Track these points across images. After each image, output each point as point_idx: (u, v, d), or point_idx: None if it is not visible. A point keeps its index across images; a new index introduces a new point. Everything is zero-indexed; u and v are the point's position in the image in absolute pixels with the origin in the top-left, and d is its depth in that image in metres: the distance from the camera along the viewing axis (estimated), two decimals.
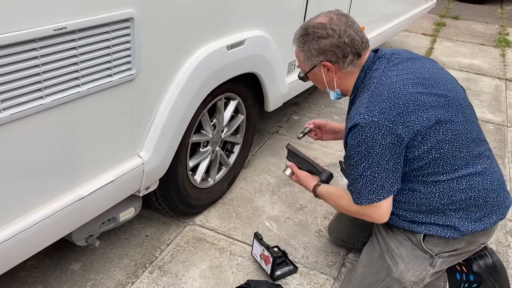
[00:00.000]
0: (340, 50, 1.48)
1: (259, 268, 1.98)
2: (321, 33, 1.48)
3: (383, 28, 3.60)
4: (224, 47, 1.84)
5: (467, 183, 1.50)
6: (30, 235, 1.33)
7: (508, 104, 3.92)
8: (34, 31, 1.13)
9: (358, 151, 1.42)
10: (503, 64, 4.90)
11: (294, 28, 2.38)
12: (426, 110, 1.43)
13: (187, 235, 2.13)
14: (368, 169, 1.43)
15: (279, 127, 3.17)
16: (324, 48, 1.49)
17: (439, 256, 1.59)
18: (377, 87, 1.45)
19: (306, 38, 1.51)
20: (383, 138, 1.38)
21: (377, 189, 1.45)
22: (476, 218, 1.53)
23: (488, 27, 6.33)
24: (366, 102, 1.43)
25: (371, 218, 1.55)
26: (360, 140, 1.40)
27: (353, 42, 1.48)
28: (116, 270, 1.91)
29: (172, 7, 1.53)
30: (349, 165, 1.49)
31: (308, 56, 1.54)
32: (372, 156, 1.40)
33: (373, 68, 1.52)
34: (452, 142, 1.46)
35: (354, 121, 1.42)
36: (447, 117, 1.46)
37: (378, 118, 1.38)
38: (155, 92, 1.61)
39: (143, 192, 1.77)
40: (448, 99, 1.49)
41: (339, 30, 1.47)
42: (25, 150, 1.25)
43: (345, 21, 1.49)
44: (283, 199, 2.43)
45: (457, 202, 1.51)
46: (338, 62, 1.51)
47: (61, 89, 1.26)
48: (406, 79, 1.47)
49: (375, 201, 1.47)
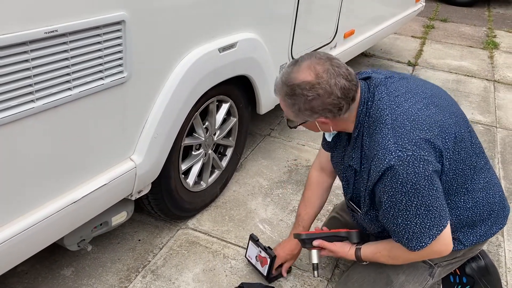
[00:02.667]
0: (335, 106, 1.34)
1: (253, 271, 1.97)
2: (312, 95, 1.31)
3: (373, 30, 3.62)
4: (216, 50, 1.84)
5: (472, 201, 1.48)
6: (21, 240, 1.31)
7: (497, 105, 3.97)
8: (24, 34, 1.12)
9: (404, 192, 1.30)
10: (491, 66, 4.96)
11: (286, 31, 2.42)
12: (446, 131, 1.38)
13: (180, 238, 2.12)
14: (422, 206, 1.31)
15: (271, 130, 3.17)
16: (318, 108, 1.34)
17: (438, 265, 1.58)
18: (394, 119, 1.34)
19: (295, 99, 1.34)
20: (424, 170, 1.29)
21: (435, 221, 1.35)
22: (481, 232, 1.53)
23: (476, 29, 6.41)
24: (392, 137, 1.31)
25: (440, 252, 1.43)
26: (403, 179, 1.28)
27: (346, 92, 1.33)
28: (109, 275, 1.90)
29: (163, 10, 1.53)
30: (395, 212, 1.35)
31: (300, 114, 1.38)
32: (421, 190, 1.29)
33: (376, 99, 1.40)
34: (464, 161, 1.43)
35: (387, 163, 1.29)
36: (460, 135, 1.42)
37: (413, 151, 1.29)
38: (147, 95, 1.61)
39: (135, 196, 1.76)
40: (455, 116, 1.45)
41: (329, 86, 1.31)
42: (15, 154, 1.24)
43: (331, 70, 1.31)
44: (275, 201, 2.43)
45: (463, 220, 1.50)
46: (334, 116, 1.37)
47: (52, 92, 1.25)
48: (416, 102, 1.39)
49: (438, 234, 1.36)
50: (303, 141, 3.06)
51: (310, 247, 1.71)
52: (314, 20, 2.64)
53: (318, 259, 1.72)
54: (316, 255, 1.71)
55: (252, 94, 2.30)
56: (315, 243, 1.68)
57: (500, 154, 3.16)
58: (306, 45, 2.64)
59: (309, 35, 2.65)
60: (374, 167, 1.34)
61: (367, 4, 3.43)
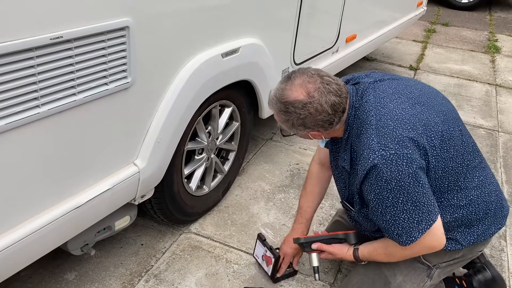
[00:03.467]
0: (326, 122, 1.41)
1: (255, 275, 1.97)
2: (304, 114, 1.38)
3: (374, 35, 3.63)
4: (219, 55, 1.85)
5: (466, 199, 1.49)
6: (25, 245, 1.32)
7: (499, 110, 3.97)
8: (30, 40, 1.13)
9: (389, 189, 1.34)
10: (493, 70, 4.97)
11: (288, 36, 2.43)
12: (432, 128, 1.41)
13: (182, 243, 2.13)
14: (408, 202, 1.35)
15: (273, 134, 3.18)
16: (310, 124, 1.42)
17: (436, 267, 1.59)
18: (378, 119, 1.39)
19: (288, 115, 1.42)
20: (408, 167, 1.32)
21: (423, 216, 1.37)
22: (479, 231, 1.53)
23: (478, 33, 6.42)
24: (375, 137, 1.36)
25: (432, 247, 1.45)
26: (387, 177, 1.32)
27: (336, 108, 1.39)
28: (112, 279, 1.90)
29: (167, 16, 1.54)
30: (383, 209, 1.39)
31: (291, 128, 1.46)
32: (406, 187, 1.33)
33: (363, 102, 1.45)
34: (454, 158, 1.45)
35: (371, 161, 1.34)
36: (448, 133, 1.44)
37: (396, 149, 1.32)
38: (151, 100, 1.62)
39: (138, 200, 1.77)
40: (444, 114, 1.48)
41: (320, 104, 1.37)
42: (21, 159, 1.24)
43: (322, 88, 1.37)
44: (278, 205, 2.43)
45: (459, 218, 1.50)
46: (326, 129, 1.45)
47: (57, 97, 1.26)
48: (401, 102, 1.43)
49: (427, 229, 1.39)
50: (305, 145, 3.06)
51: (309, 251, 1.74)
52: (316, 25, 2.65)
53: (318, 262, 1.74)
54: (316, 258, 1.74)
55: (254, 98, 2.31)
56: (314, 246, 1.71)
57: (502, 158, 3.16)
58: (308, 49, 2.65)
59: (311, 40, 2.66)
60: (360, 166, 1.39)
61: (369, 8, 3.45)
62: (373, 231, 1.63)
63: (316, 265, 1.74)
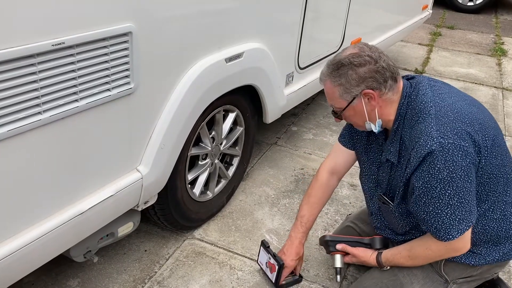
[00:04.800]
0: (380, 75, 1.41)
1: (260, 282, 1.95)
2: (358, 61, 1.41)
3: (380, 38, 3.61)
4: (222, 60, 1.84)
5: (501, 213, 1.47)
6: (28, 252, 1.31)
7: (506, 113, 3.93)
8: (32, 47, 1.12)
9: (440, 179, 1.32)
10: (499, 73, 4.93)
11: (292, 40, 2.41)
12: (486, 130, 1.41)
13: (186, 249, 2.11)
14: (455, 196, 1.33)
15: (278, 138, 3.16)
16: (364, 75, 1.41)
17: (453, 282, 1.56)
18: (438, 110, 1.39)
19: (342, 69, 1.43)
20: (463, 160, 1.31)
21: (465, 216, 1.35)
22: (505, 250, 1.51)
23: (484, 36, 6.38)
24: (435, 125, 1.35)
25: (458, 250, 1.44)
26: (441, 166, 1.31)
27: (389, 67, 1.43)
28: (115, 286, 1.88)
29: (170, 21, 1.53)
30: (428, 199, 1.37)
31: (347, 88, 1.44)
32: (457, 181, 1.31)
33: (420, 93, 1.45)
34: (499, 167, 1.43)
35: (428, 148, 1.32)
36: (498, 140, 1.44)
37: (454, 140, 1.32)
38: (154, 105, 1.61)
39: (141, 207, 1.76)
40: (493, 122, 1.48)
41: (374, 56, 1.42)
42: (23, 166, 1.23)
43: (375, 48, 1.46)
44: (282, 211, 2.41)
45: (489, 232, 1.48)
46: (380, 88, 1.43)
47: (59, 104, 1.25)
48: (459, 100, 1.44)
49: (466, 230, 1.37)
50: (309, 150, 3.04)
51: (333, 251, 1.73)
52: (320, 29, 2.64)
53: (341, 263, 1.73)
54: (339, 260, 1.73)
55: (258, 103, 2.30)
56: (339, 246, 1.71)
57: None
58: (313, 54, 2.63)
59: (315, 43, 2.65)
60: (415, 153, 1.36)
61: (374, 12, 3.43)
62: (399, 234, 1.62)
63: (339, 266, 1.72)
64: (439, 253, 1.48)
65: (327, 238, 1.74)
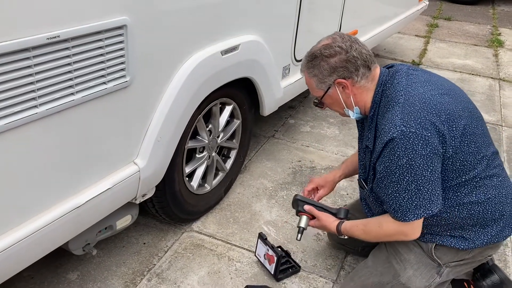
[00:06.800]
0: (351, 64, 1.47)
1: (258, 273, 1.97)
2: (328, 52, 1.47)
3: (376, 30, 3.61)
4: (218, 53, 1.84)
5: (485, 196, 1.50)
6: (27, 245, 1.32)
7: (502, 104, 3.94)
8: (27, 40, 1.12)
9: (399, 165, 1.37)
10: (496, 64, 4.93)
11: (288, 32, 2.41)
12: (455, 120, 1.43)
13: (184, 241, 2.12)
14: (413, 183, 1.38)
15: (275, 131, 3.17)
16: (335, 65, 1.47)
17: (446, 265, 1.58)
18: (407, 99, 1.42)
19: (315, 61, 1.51)
20: (423, 149, 1.35)
21: (423, 203, 1.40)
22: (493, 232, 1.53)
23: (481, 27, 6.37)
24: (400, 113, 1.39)
25: (407, 235, 1.49)
26: (400, 153, 1.36)
27: (361, 55, 1.48)
28: (114, 279, 1.90)
29: (165, 14, 1.53)
30: (388, 182, 1.43)
31: (320, 79, 1.51)
32: (415, 168, 1.36)
33: (394, 82, 1.48)
34: (475, 154, 1.46)
35: (390, 135, 1.37)
36: (471, 128, 1.46)
37: (416, 129, 1.35)
38: (150, 98, 1.61)
39: (139, 199, 1.77)
40: (469, 111, 1.50)
41: (345, 46, 1.47)
42: (20, 160, 1.24)
43: (348, 38, 1.50)
44: (280, 203, 2.42)
45: (475, 215, 1.50)
46: (352, 76, 1.48)
47: (56, 97, 1.25)
48: (432, 89, 1.46)
49: (422, 216, 1.41)
50: (307, 142, 3.05)
51: (301, 211, 1.78)
52: (316, 21, 2.64)
53: (305, 225, 1.78)
54: (305, 221, 1.78)
55: (255, 96, 2.30)
56: (306, 207, 1.76)
57: (506, 153, 3.14)
58: (309, 46, 2.62)
59: (312, 36, 2.64)
60: (379, 140, 1.43)
61: (370, 3, 3.42)
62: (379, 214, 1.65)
63: (302, 226, 1.77)
64: (388, 233, 1.52)
65: (298, 197, 1.79)
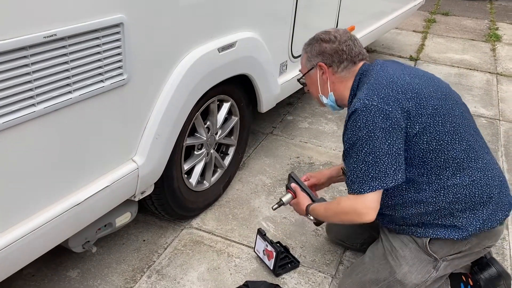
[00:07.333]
0: (337, 55, 1.59)
1: (257, 268, 1.98)
2: (323, 37, 1.62)
3: (373, 26, 3.61)
4: (215, 50, 1.85)
5: (469, 178, 1.50)
6: (26, 242, 1.33)
7: (500, 98, 3.95)
8: (24, 39, 1.13)
9: (359, 136, 1.43)
10: (493, 59, 4.94)
11: (285, 28, 2.41)
12: (424, 99, 1.47)
13: (184, 238, 2.13)
14: (370, 154, 1.42)
15: (273, 128, 3.18)
16: (323, 50, 1.60)
17: (443, 259, 1.59)
18: (376, 78, 1.51)
19: (311, 41, 1.67)
20: (383, 122, 1.40)
21: (379, 175, 1.42)
22: (484, 216, 1.53)
23: (478, 22, 6.37)
24: (366, 90, 1.48)
25: (360, 215, 1.47)
26: (361, 124, 1.42)
27: (351, 52, 1.59)
28: (114, 276, 1.91)
29: (161, 11, 1.54)
30: (349, 154, 1.48)
31: (309, 57, 1.66)
32: (374, 140, 1.41)
33: (370, 69, 1.57)
34: (451, 133, 1.48)
35: (354, 107, 1.45)
36: (444, 109, 1.49)
37: (378, 102, 1.42)
38: (148, 96, 1.62)
39: (138, 197, 1.77)
40: (444, 94, 1.53)
41: (340, 38, 1.60)
42: (18, 158, 1.25)
43: (349, 35, 1.62)
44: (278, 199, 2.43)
45: (462, 199, 1.51)
46: (332, 65, 1.60)
47: (53, 96, 1.26)
48: (403, 73, 1.54)
49: (377, 188, 1.43)
50: (305, 139, 3.06)
51: (288, 188, 1.87)
52: (313, 16, 2.64)
53: (286, 201, 1.86)
54: (287, 197, 1.86)
55: (253, 93, 2.31)
56: (292, 185, 1.85)
57: (504, 147, 3.15)
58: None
59: (309, 32, 2.62)
60: (347, 115, 1.51)
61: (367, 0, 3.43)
62: None
63: (283, 201, 1.85)
64: (343, 210, 1.54)
65: (292, 175, 1.88)
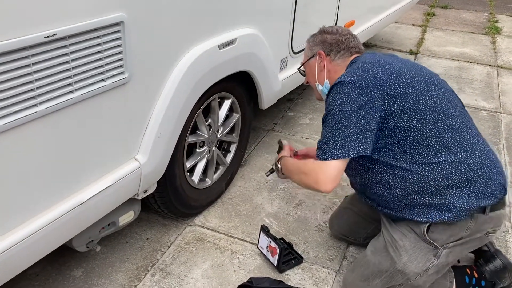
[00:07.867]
0: (336, 45, 1.72)
1: (261, 265, 1.98)
2: (327, 29, 1.78)
3: (373, 20, 3.61)
4: (215, 47, 1.84)
5: (455, 156, 1.52)
6: (31, 243, 1.33)
7: (501, 91, 3.94)
8: (24, 39, 1.12)
9: (333, 106, 1.52)
10: (493, 51, 4.93)
11: (285, 24, 2.41)
12: (404, 79, 1.54)
13: (187, 236, 2.14)
14: (339, 123, 1.49)
15: (275, 124, 3.18)
16: (324, 40, 1.75)
17: (444, 247, 1.58)
18: (360, 61, 1.62)
19: (317, 33, 1.81)
20: (358, 96, 1.49)
21: (344, 145, 1.48)
22: (471, 193, 1.52)
23: (478, 15, 6.35)
24: (349, 69, 1.60)
25: (318, 182, 1.52)
26: (337, 96, 1.52)
27: (349, 43, 1.72)
28: (118, 275, 1.91)
29: (162, 9, 1.53)
30: (324, 122, 1.57)
31: (311, 46, 1.80)
32: (345, 111, 1.48)
33: (359, 57, 1.68)
34: (433, 113, 1.52)
35: (335, 82, 1.56)
36: (426, 90, 1.55)
37: (356, 78, 1.52)
38: (149, 94, 1.61)
39: (141, 195, 1.78)
40: (427, 78, 1.60)
41: (342, 32, 1.75)
42: (21, 159, 1.25)
43: (349, 32, 1.77)
44: (281, 195, 2.44)
45: (448, 176, 1.51)
46: (331, 55, 1.73)
47: (55, 96, 1.26)
48: (388, 58, 1.63)
49: (338, 157, 1.48)
50: (307, 135, 3.06)
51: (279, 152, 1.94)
52: (313, 12, 2.63)
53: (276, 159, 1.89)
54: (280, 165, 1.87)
55: (254, 89, 2.31)
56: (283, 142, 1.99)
57: (505, 140, 3.15)
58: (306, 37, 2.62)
59: (309, 27, 2.63)
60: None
61: None
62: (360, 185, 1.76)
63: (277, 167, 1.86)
64: (305, 170, 1.59)
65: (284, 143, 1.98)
